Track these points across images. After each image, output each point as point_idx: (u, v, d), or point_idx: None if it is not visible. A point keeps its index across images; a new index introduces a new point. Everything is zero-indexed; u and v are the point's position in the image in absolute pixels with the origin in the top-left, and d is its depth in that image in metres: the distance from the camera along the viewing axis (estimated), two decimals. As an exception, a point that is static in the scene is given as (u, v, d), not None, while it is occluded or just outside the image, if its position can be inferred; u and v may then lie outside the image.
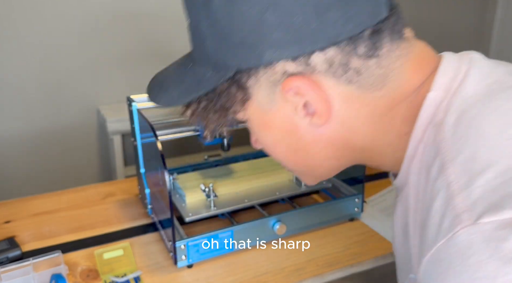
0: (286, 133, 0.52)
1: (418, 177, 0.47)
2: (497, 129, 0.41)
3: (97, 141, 2.40)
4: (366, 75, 0.47)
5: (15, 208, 1.09)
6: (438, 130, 0.45)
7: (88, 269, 0.87)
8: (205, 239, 0.85)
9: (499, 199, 0.37)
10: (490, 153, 0.40)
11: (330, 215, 0.97)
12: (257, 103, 0.51)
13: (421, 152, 0.47)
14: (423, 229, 0.43)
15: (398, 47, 0.48)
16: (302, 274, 0.83)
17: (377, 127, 0.50)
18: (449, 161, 0.42)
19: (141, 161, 0.99)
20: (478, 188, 0.39)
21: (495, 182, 0.38)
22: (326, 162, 0.55)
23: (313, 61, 0.46)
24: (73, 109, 2.30)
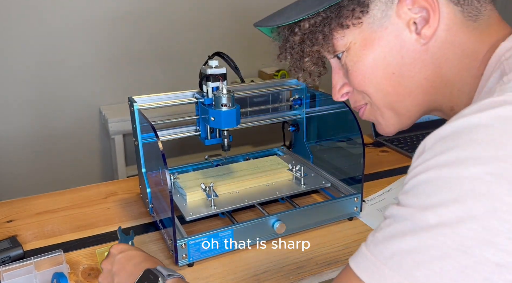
0: (389, 51, 0.59)
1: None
2: None
3: (98, 141, 2.41)
4: (468, 2, 0.56)
5: (17, 208, 1.09)
6: (504, 65, 0.50)
7: (90, 267, 0.87)
8: (206, 238, 0.86)
9: None
10: None
11: (329, 214, 0.98)
12: (371, 19, 0.58)
13: (488, 86, 0.52)
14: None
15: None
16: (302, 273, 0.84)
17: (463, 63, 0.57)
18: (508, 73, 0.48)
19: (142, 160, 0.99)
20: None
21: None
22: (414, 94, 0.61)
23: None
24: (75, 109, 2.31)
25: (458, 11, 0.56)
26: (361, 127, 0.99)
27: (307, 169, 1.09)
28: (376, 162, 1.32)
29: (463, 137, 0.43)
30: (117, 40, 2.30)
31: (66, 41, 2.20)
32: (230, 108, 0.94)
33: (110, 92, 2.35)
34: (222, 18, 2.51)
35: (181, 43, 2.45)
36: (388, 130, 0.68)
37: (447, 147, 0.43)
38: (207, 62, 0.97)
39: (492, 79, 0.51)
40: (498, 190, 0.39)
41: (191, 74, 1.92)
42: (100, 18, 2.24)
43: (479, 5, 0.56)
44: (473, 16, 0.56)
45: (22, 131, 2.22)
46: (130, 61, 2.36)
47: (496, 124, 0.42)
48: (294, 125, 1.22)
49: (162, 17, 2.37)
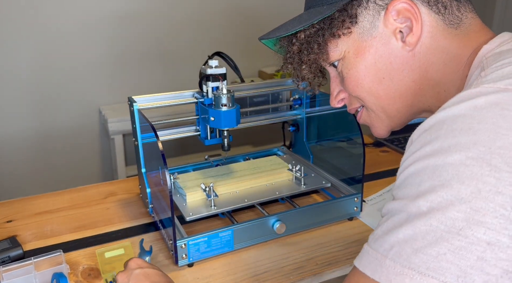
0: (379, 58, 0.64)
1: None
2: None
3: (98, 141, 2.41)
4: (449, 11, 0.61)
5: (17, 208, 1.09)
6: (483, 63, 0.55)
7: (90, 268, 0.87)
8: (206, 238, 0.86)
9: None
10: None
11: (329, 215, 0.98)
12: (361, 29, 0.64)
13: (469, 83, 0.56)
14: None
15: (470, 5, 0.63)
16: (302, 273, 0.84)
17: (447, 66, 0.61)
18: (485, 69, 0.53)
19: (142, 160, 0.99)
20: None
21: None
22: (404, 96, 0.66)
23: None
24: (74, 110, 2.31)
25: (439, 19, 0.61)
26: (361, 127, 0.99)
27: (307, 169, 1.09)
28: (376, 162, 1.32)
29: (444, 128, 0.47)
30: (117, 40, 2.30)
31: (66, 41, 2.20)
32: (230, 108, 0.94)
33: (110, 92, 2.35)
34: (222, 18, 2.51)
35: (181, 43, 2.45)
36: (381, 132, 0.73)
37: (430, 138, 0.47)
38: (207, 62, 0.97)
39: (473, 76, 0.56)
40: (479, 172, 0.43)
41: (191, 74, 1.92)
42: (100, 19, 2.24)
43: (459, 14, 0.62)
44: (455, 23, 0.62)
45: (22, 131, 2.22)
46: (130, 61, 2.36)
47: (473, 113, 0.46)
48: (294, 125, 1.22)
49: (162, 17, 2.37)
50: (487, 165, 0.43)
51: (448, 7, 0.61)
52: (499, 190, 0.42)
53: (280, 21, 0.78)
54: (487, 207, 0.42)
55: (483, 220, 0.42)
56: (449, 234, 0.43)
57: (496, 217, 0.42)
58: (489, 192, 0.42)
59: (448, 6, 0.61)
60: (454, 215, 0.43)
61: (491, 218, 0.42)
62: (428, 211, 0.45)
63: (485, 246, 0.42)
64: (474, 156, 0.44)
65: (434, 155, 0.46)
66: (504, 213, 0.42)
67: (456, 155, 0.44)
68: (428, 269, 0.44)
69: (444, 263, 0.43)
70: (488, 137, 0.44)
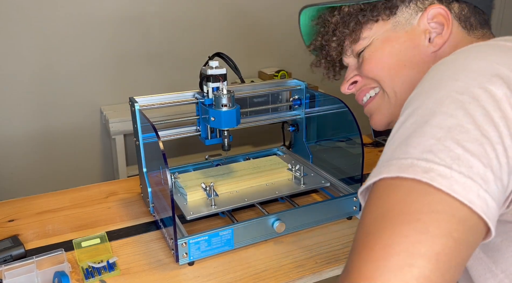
0: (404, 49, 0.73)
1: None
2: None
3: (99, 141, 2.41)
4: (474, 29, 0.72)
5: (18, 207, 1.10)
6: None
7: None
8: (206, 237, 0.86)
9: None
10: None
11: (328, 214, 0.99)
12: (396, 23, 0.74)
13: None
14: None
15: (488, 28, 0.74)
16: (301, 271, 0.84)
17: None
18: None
19: (143, 160, 1.00)
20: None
21: None
22: (405, 70, 0.73)
23: (453, 5, 0.71)
24: (76, 110, 2.31)
25: (465, 34, 0.72)
26: (360, 127, 0.99)
27: (306, 168, 1.10)
28: (375, 162, 1.31)
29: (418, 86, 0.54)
30: (118, 41, 2.31)
31: (68, 42, 2.21)
32: (230, 108, 0.95)
33: (111, 93, 2.36)
34: (223, 19, 2.52)
35: (182, 44, 2.46)
36: (382, 122, 0.82)
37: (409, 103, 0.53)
38: (208, 63, 0.98)
39: None
40: (449, 81, 0.49)
41: (191, 74, 1.92)
42: (101, 19, 2.25)
43: (482, 30, 0.72)
44: (478, 38, 0.72)
45: (23, 131, 2.23)
46: (131, 61, 2.36)
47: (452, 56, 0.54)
48: (294, 125, 1.22)
49: (163, 18, 2.37)
50: (452, 80, 0.49)
51: (474, 26, 0.72)
52: (460, 92, 0.47)
53: (280, 22, 0.80)
54: (450, 102, 0.46)
55: (445, 111, 0.46)
56: (419, 126, 0.47)
57: (457, 109, 0.46)
58: (450, 95, 0.47)
59: (474, 25, 0.72)
60: (422, 113, 0.48)
61: (452, 109, 0.46)
62: (404, 121, 0.49)
63: (447, 129, 0.45)
64: (444, 78, 0.50)
65: (418, 86, 0.53)
66: (463, 106, 0.45)
67: (430, 81, 0.51)
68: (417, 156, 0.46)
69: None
70: (454, 65, 0.51)
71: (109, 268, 0.85)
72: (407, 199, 0.43)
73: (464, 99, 0.46)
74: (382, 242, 0.42)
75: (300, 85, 1.16)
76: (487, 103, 0.46)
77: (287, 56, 2.72)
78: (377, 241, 0.42)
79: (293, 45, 2.69)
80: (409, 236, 0.41)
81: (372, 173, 0.49)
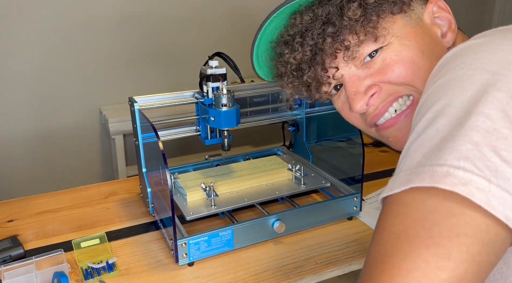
0: (428, 45, 0.64)
1: None
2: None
3: (99, 141, 2.41)
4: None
5: (18, 207, 1.10)
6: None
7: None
8: (206, 238, 0.86)
9: None
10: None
11: (329, 214, 0.98)
12: (408, 15, 0.65)
13: None
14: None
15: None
16: (301, 272, 0.84)
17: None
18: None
19: (142, 160, 1.00)
20: None
21: None
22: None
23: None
24: (75, 110, 2.31)
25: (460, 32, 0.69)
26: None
27: (307, 169, 1.10)
28: (375, 162, 1.32)
29: (450, 59, 0.50)
30: (118, 40, 2.31)
31: (67, 41, 2.21)
32: (230, 108, 0.95)
33: (111, 92, 2.36)
34: (222, 18, 2.52)
35: (182, 44, 2.45)
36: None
37: (438, 72, 0.50)
38: (207, 63, 0.97)
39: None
40: (480, 77, 0.45)
41: (191, 74, 1.92)
42: (101, 19, 2.24)
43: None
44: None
45: (22, 131, 2.22)
46: (130, 61, 2.36)
47: (476, 42, 0.49)
48: (294, 125, 1.22)
49: (162, 17, 2.37)
50: (487, 72, 0.44)
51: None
52: (497, 87, 0.43)
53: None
54: (486, 101, 0.42)
55: (482, 111, 0.42)
56: (454, 128, 0.43)
57: (494, 109, 0.42)
58: (487, 91, 0.43)
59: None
60: (455, 113, 0.43)
61: (489, 109, 0.42)
62: (433, 119, 0.45)
63: (484, 133, 0.41)
64: (475, 67, 0.45)
65: (441, 77, 0.48)
66: (501, 106, 0.42)
67: (460, 71, 0.46)
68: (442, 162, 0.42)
69: (450, 152, 0.42)
70: (488, 52, 0.46)
71: (109, 269, 0.85)
72: (436, 216, 0.40)
73: (502, 98, 0.42)
74: (401, 266, 0.40)
75: (300, 85, 1.16)
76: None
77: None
78: (396, 264, 0.40)
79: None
80: (430, 262, 0.39)
81: (399, 178, 0.44)
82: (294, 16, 0.69)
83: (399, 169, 0.46)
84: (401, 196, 0.43)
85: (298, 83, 0.72)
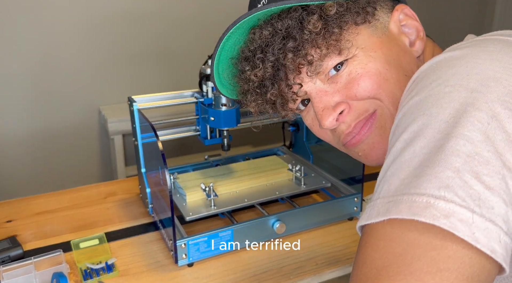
0: (397, 55, 0.62)
1: None
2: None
3: (98, 141, 2.41)
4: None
5: (17, 208, 1.09)
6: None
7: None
8: (206, 238, 0.86)
9: None
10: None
11: (329, 214, 0.98)
12: (373, 25, 0.63)
13: None
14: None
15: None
16: (302, 273, 0.84)
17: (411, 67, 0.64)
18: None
19: (142, 160, 0.99)
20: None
21: None
22: (405, 81, 0.61)
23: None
24: (74, 110, 2.31)
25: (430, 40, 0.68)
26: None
27: (307, 169, 1.09)
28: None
29: (427, 72, 0.48)
30: (117, 40, 2.30)
31: (66, 41, 2.20)
32: (230, 108, 0.94)
33: (110, 92, 2.35)
34: (222, 17, 2.51)
35: (181, 43, 2.45)
36: (382, 151, 0.64)
37: (414, 85, 0.49)
38: (207, 62, 0.97)
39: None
40: (458, 95, 0.43)
41: (191, 74, 1.92)
42: (99, 19, 2.24)
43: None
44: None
45: (21, 131, 2.22)
46: (129, 61, 2.36)
47: (452, 55, 0.48)
48: (294, 125, 1.22)
49: (161, 17, 2.37)
50: (465, 89, 0.43)
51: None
52: (476, 107, 0.41)
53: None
54: (466, 122, 0.41)
55: (461, 133, 0.40)
56: (433, 153, 0.41)
57: (474, 131, 0.40)
58: (466, 111, 0.41)
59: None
60: (433, 135, 0.41)
61: (469, 131, 0.40)
62: (411, 140, 0.43)
63: (465, 158, 0.39)
64: (453, 83, 0.44)
65: (417, 93, 0.46)
66: (482, 128, 0.40)
67: (437, 88, 0.44)
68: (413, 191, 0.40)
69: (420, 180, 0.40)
70: (465, 67, 0.45)
71: (108, 269, 0.84)
72: (416, 250, 0.38)
73: (482, 118, 0.40)
74: None
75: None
76: (509, 124, 0.40)
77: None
78: None
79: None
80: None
81: (376, 206, 0.42)
82: (253, 30, 0.64)
83: (377, 194, 0.44)
84: (379, 228, 0.41)
85: (262, 101, 0.68)
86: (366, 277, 0.40)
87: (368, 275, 0.40)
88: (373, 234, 0.42)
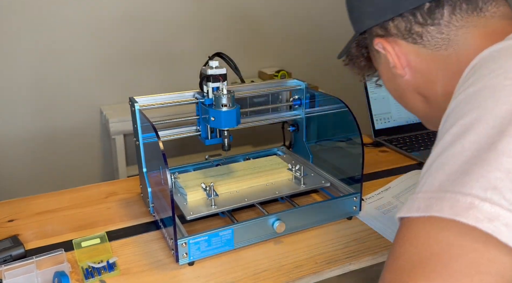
0: (389, 81, 0.69)
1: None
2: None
3: (99, 141, 2.41)
4: (428, 38, 0.59)
5: (18, 207, 1.10)
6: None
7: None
8: (206, 237, 0.86)
9: None
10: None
11: (328, 214, 0.99)
12: (373, 57, 0.70)
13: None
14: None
15: (461, 18, 0.56)
16: (301, 272, 0.84)
17: (451, 81, 0.56)
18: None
19: (143, 160, 1.00)
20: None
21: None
22: (421, 108, 0.67)
23: (388, 26, 0.61)
24: (76, 110, 2.31)
25: (421, 47, 0.60)
26: (360, 127, 0.99)
27: (306, 168, 1.10)
28: (375, 162, 1.33)
29: (482, 64, 0.46)
30: (118, 40, 2.31)
31: (67, 41, 2.21)
32: (230, 108, 0.95)
33: (111, 92, 2.36)
34: (223, 19, 2.52)
35: (182, 44, 2.46)
36: (430, 128, 0.72)
37: (468, 78, 0.47)
38: (208, 63, 0.98)
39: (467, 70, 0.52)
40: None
41: (191, 74, 1.92)
42: (101, 19, 2.25)
43: (443, 36, 0.58)
44: (442, 45, 0.58)
45: (23, 131, 2.23)
46: (131, 61, 2.36)
47: (505, 47, 0.46)
48: (294, 125, 1.22)
49: (163, 18, 2.37)
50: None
51: (425, 35, 0.59)
52: None
53: (279, 22, 0.77)
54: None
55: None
56: (483, 150, 0.39)
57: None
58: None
59: (424, 34, 0.59)
60: (486, 130, 0.39)
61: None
62: (461, 133, 0.41)
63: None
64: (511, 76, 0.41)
65: (473, 83, 0.44)
66: None
67: (495, 79, 0.42)
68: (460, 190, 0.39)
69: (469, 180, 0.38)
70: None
71: (109, 268, 0.85)
72: (455, 250, 0.37)
73: None
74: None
75: (300, 85, 1.16)
76: None
77: (287, 56, 2.72)
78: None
79: (293, 45, 2.69)
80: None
81: (418, 200, 0.41)
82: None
83: (420, 187, 0.43)
84: (419, 223, 0.40)
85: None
86: (401, 269, 0.40)
87: (403, 268, 0.40)
88: (412, 228, 0.41)
